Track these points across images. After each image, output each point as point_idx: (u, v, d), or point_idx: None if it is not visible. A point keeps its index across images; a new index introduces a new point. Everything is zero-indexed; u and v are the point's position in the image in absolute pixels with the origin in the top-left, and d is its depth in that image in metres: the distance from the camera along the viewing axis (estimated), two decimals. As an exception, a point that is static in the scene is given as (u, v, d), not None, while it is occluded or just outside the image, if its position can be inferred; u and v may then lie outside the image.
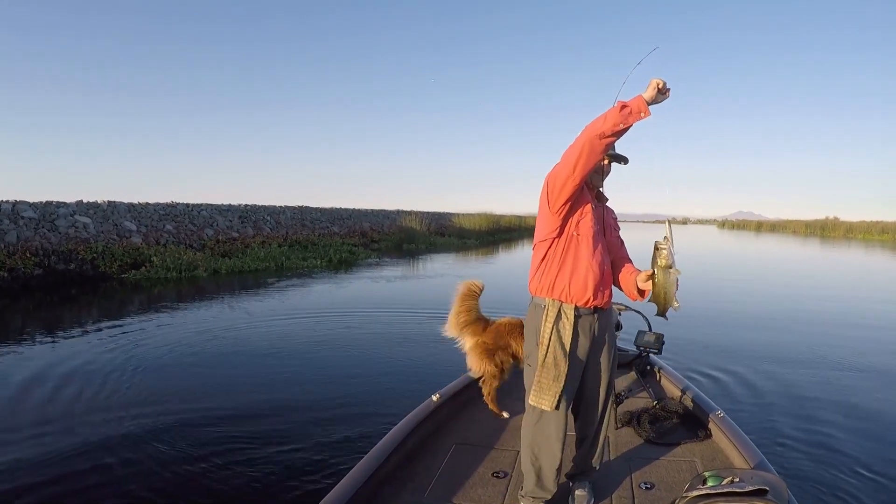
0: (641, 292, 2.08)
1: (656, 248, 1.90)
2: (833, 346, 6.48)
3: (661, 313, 1.97)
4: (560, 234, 2.05)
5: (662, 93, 1.77)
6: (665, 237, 1.90)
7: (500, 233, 34.87)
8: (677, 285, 1.92)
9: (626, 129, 1.81)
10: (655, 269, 1.91)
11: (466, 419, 3.07)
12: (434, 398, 2.99)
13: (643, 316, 3.68)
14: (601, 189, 2.21)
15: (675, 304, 1.90)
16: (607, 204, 2.25)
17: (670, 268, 1.89)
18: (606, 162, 2.12)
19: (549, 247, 2.07)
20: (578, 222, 2.05)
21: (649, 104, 1.77)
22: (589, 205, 2.08)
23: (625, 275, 2.15)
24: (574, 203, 2.03)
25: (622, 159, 2.13)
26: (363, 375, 5.24)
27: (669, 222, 2.02)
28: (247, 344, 6.37)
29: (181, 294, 10.30)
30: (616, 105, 1.81)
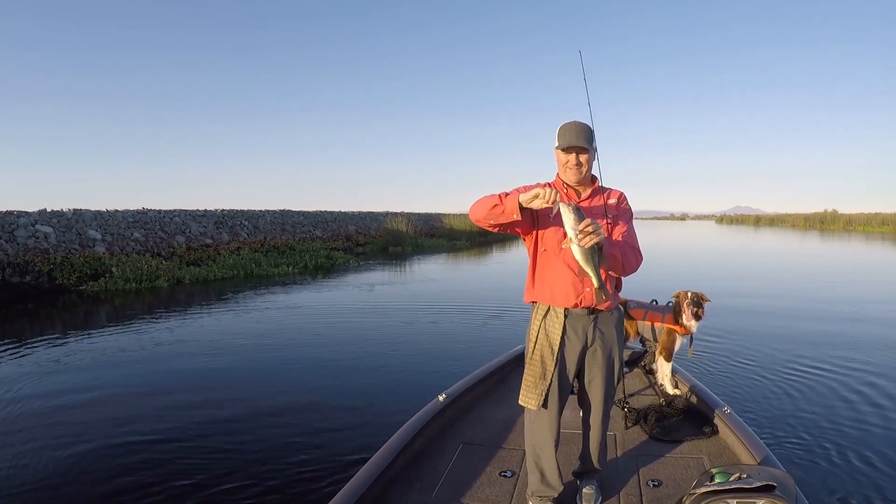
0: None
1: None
2: (842, 342, 6.60)
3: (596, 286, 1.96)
4: (533, 249, 2.18)
5: (547, 202, 1.84)
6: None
7: (494, 233, 34.79)
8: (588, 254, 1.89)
9: (503, 224, 2.00)
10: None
11: (473, 419, 3.17)
12: (440, 398, 3.09)
13: None
14: (587, 176, 2.12)
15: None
16: (597, 192, 2.16)
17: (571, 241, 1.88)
18: (574, 155, 2.04)
19: (531, 260, 2.20)
20: (543, 237, 2.14)
21: (525, 207, 1.90)
22: (548, 218, 2.07)
23: None
24: (526, 224, 2.11)
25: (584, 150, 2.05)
26: (368, 378, 5.35)
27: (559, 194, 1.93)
28: (236, 351, 6.40)
29: (143, 306, 10.15)
30: (497, 196, 1.97)
